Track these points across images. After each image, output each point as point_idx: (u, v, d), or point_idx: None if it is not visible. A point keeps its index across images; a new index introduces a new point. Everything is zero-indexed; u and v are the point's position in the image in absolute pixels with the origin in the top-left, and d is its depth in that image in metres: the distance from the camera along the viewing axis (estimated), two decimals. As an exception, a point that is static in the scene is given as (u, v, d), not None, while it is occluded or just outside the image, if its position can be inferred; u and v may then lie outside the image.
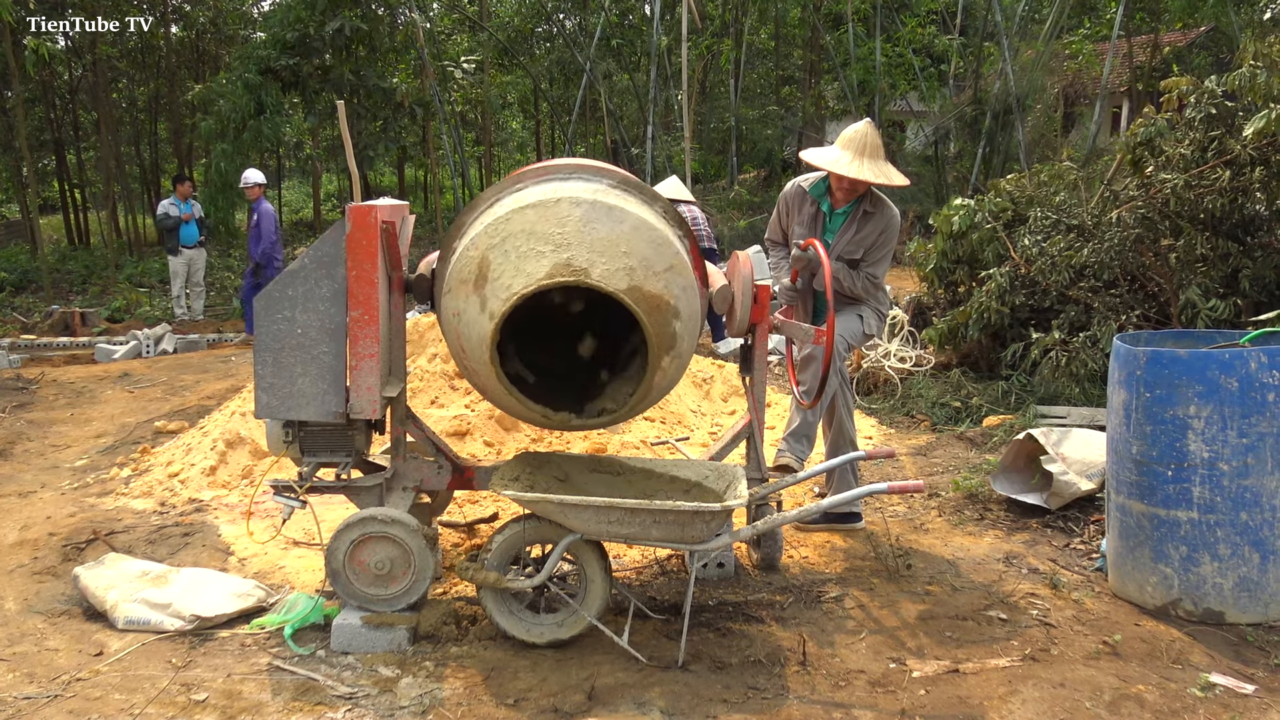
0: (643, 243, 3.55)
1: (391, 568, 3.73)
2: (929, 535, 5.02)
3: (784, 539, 4.67)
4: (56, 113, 21.78)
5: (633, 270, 3.49)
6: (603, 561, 3.69)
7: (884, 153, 4.74)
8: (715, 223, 18.05)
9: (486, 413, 6.24)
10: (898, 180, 4.65)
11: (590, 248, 3.46)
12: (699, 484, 3.93)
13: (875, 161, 4.66)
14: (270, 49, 14.83)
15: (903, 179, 4.68)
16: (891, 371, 8.18)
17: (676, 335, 3.65)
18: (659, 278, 3.55)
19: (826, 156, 4.69)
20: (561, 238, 3.48)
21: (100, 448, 6.84)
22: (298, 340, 3.72)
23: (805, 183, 4.88)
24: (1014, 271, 7.57)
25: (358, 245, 3.68)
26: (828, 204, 4.82)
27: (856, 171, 4.58)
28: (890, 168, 4.71)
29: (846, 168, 4.60)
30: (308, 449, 3.92)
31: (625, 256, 3.49)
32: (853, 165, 4.61)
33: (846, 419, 5.02)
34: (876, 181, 4.62)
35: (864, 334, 4.97)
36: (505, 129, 30.47)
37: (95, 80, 19.63)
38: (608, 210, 3.55)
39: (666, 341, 3.61)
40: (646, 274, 3.52)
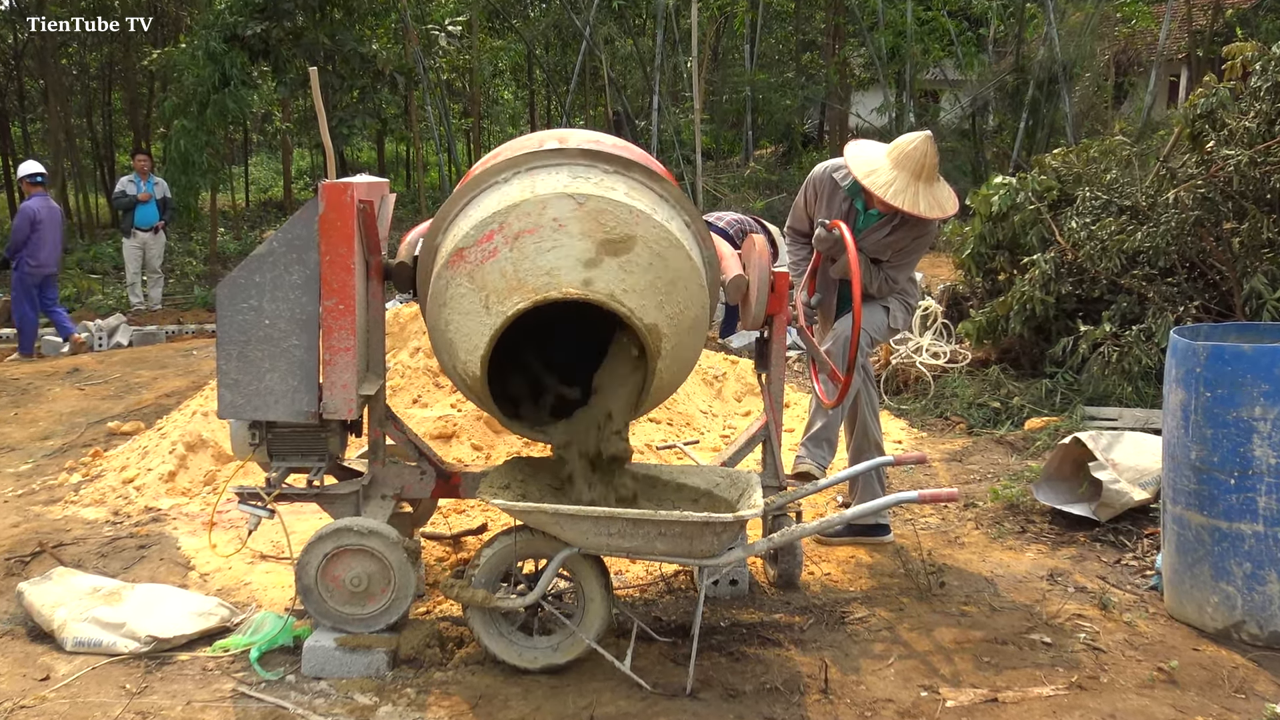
0: (681, 291, 3.60)
1: (369, 584, 3.73)
2: (964, 550, 5.01)
3: (804, 553, 4.66)
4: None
5: (661, 305, 3.54)
6: (602, 578, 3.68)
7: (938, 170, 4.66)
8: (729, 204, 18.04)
9: (474, 414, 6.24)
10: (950, 208, 4.62)
11: (625, 269, 3.49)
12: (709, 492, 3.93)
13: (930, 187, 4.59)
14: (237, 15, 14.82)
15: (955, 204, 4.66)
16: (923, 369, 8.17)
17: (687, 361, 3.74)
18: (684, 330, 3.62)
19: (876, 176, 4.58)
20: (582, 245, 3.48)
21: (47, 451, 6.85)
22: (265, 332, 3.72)
23: (838, 173, 4.84)
24: (1060, 257, 7.55)
25: (332, 227, 3.68)
26: (862, 202, 4.80)
27: (909, 203, 4.52)
28: (944, 190, 4.65)
29: (898, 196, 4.53)
30: (276, 452, 3.91)
31: (655, 290, 3.53)
32: (905, 194, 4.53)
33: (871, 421, 5.01)
34: (930, 216, 4.57)
35: (890, 327, 4.96)
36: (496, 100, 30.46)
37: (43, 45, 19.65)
38: (668, 245, 3.56)
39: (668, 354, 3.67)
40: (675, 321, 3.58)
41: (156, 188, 13.46)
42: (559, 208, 3.51)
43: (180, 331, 12.33)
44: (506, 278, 3.48)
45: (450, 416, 6.25)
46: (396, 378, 6.68)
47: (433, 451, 4.30)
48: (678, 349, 3.66)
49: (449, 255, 3.61)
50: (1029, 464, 6.24)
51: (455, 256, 3.58)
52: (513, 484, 3.72)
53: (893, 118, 20.89)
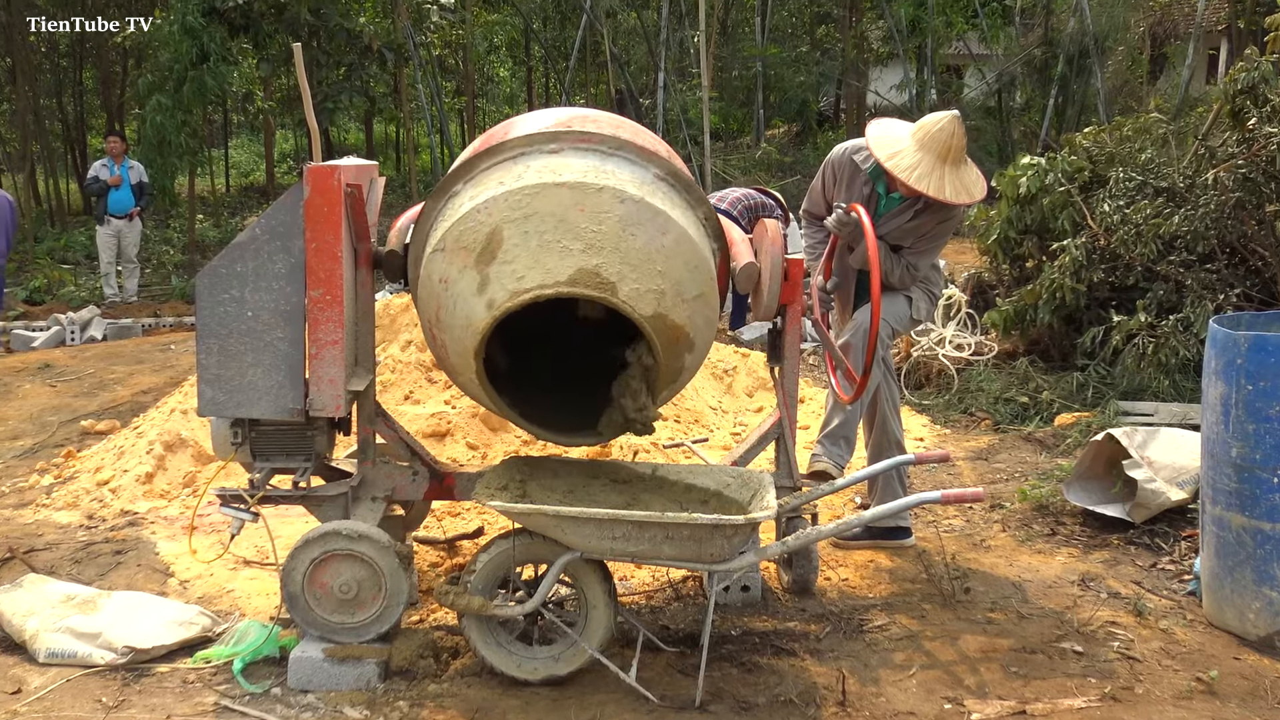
0: (680, 263, 3.59)
1: (359, 591, 3.74)
2: (991, 553, 5.01)
3: (820, 558, 4.67)
4: (-38, 59, 21.85)
5: (662, 295, 3.53)
6: (606, 584, 3.69)
7: (966, 151, 4.65)
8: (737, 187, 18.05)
9: (469, 410, 6.25)
10: (978, 193, 4.60)
11: (625, 258, 3.48)
12: (719, 493, 3.93)
13: (957, 170, 4.57)
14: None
15: (983, 189, 4.64)
16: (946, 361, 8.16)
17: (684, 369, 3.75)
18: (686, 305, 3.61)
19: (900, 159, 4.56)
20: (596, 237, 3.48)
21: (17, 451, 6.87)
22: (248, 325, 3.72)
23: (858, 155, 4.83)
24: (1092, 243, 7.54)
25: (318, 213, 3.68)
26: (884, 185, 4.79)
27: (934, 187, 4.51)
28: (971, 174, 4.63)
29: (922, 181, 4.52)
30: (260, 452, 3.92)
31: (659, 277, 3.53)
32: (931, 178, 4.52)
33: (892, 417, 5.01)
34: (956, 202, 4.56)
35: (912, 318, 4.96)
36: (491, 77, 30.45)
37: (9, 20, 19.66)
38: (653, 216, 3.55)
39: (671, 375, 3.70)
40: (675, 300, 3.57)
41: (131, 172, 13.44)
42: (556, 195, 3.51)
43: (157, 324, 12.34)
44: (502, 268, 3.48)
45: (444, 413, 6.25)
46: (387, 372, 6.68)
47: (426, 451, 4.31)
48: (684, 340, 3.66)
49: (441, 243, 3.61)
50: (1059, 462, 6.23)
51: (448, 244, 3.58)
52: (510, 484, 3.73)
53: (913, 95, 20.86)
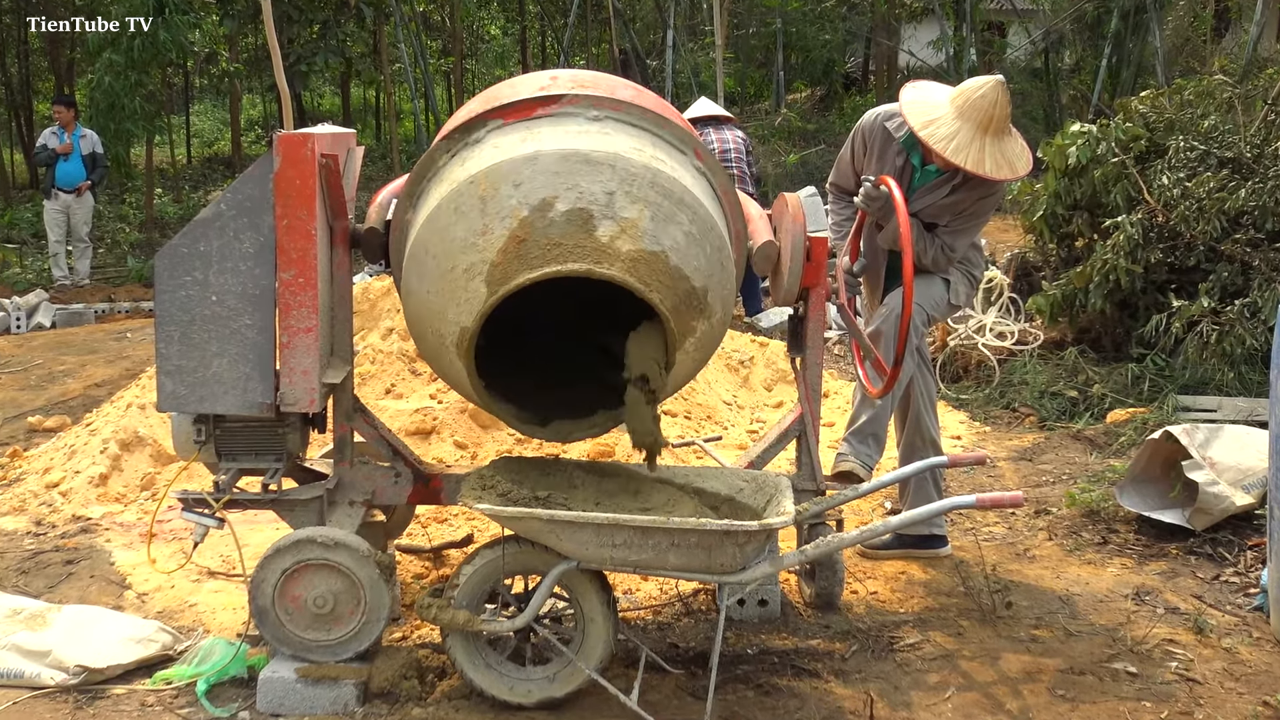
0: (697, 242, 3.60)
1: (335, 606, 3.75)
2: (1035, 564, 5.02)
3: (845, 569, 4.67)
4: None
5: (676, 276, 3.53)
6: (605, 596, 3.70)
7: (1009, 120, 4.62)
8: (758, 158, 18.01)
9: (457, 406, 6.26)
10: (1022, 168, 4.59)
11: (635, 237, 3.48)
12: (732, 498, 3.94)
13: (1000, 141, 4.55)
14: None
15: (1028, 162, 4.63)
16: (987, 351, 8.16)
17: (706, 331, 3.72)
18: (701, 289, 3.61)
19: (936, 128, 4.54)
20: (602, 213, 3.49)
21: (-42, 450, 6.89)
22: (212, 310, 3.73)
23: (891, 123, 4.82)
24: (1149, 219, 7.52)
25: (290, 186, 3.69)
26: (919, 156, 4.78)
27: (973, 161, 4.48)
28: (1015, 146, 4.62)
29: (960, 153, 4.49)
30: (226, 451, 3.93)
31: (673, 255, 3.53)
32: (970, 150, 4.50)
33: (926, 413, 5.01)
34: (997, 177, 4.54)
35: (949, 303, 4.95)
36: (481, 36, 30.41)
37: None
38: (667, 189, 3.57)
39: (684, 332, 3.66)
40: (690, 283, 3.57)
41: (83, 141, 13.41)
42: (557, 166, 3.52)
43: (112, 310, 12.37)
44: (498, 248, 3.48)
45: (429, 409, 6.26)
46: (366, 364, 6.69)
47: (409, 450, 4.32)
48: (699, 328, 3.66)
49: (427, 221, 3.62)
50: (1111, 463, 6.23)
51: (434, 222, 3.59)
52: (500, 486, 3.73)
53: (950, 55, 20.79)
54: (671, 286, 3.50)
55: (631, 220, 3.48)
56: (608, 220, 3.46)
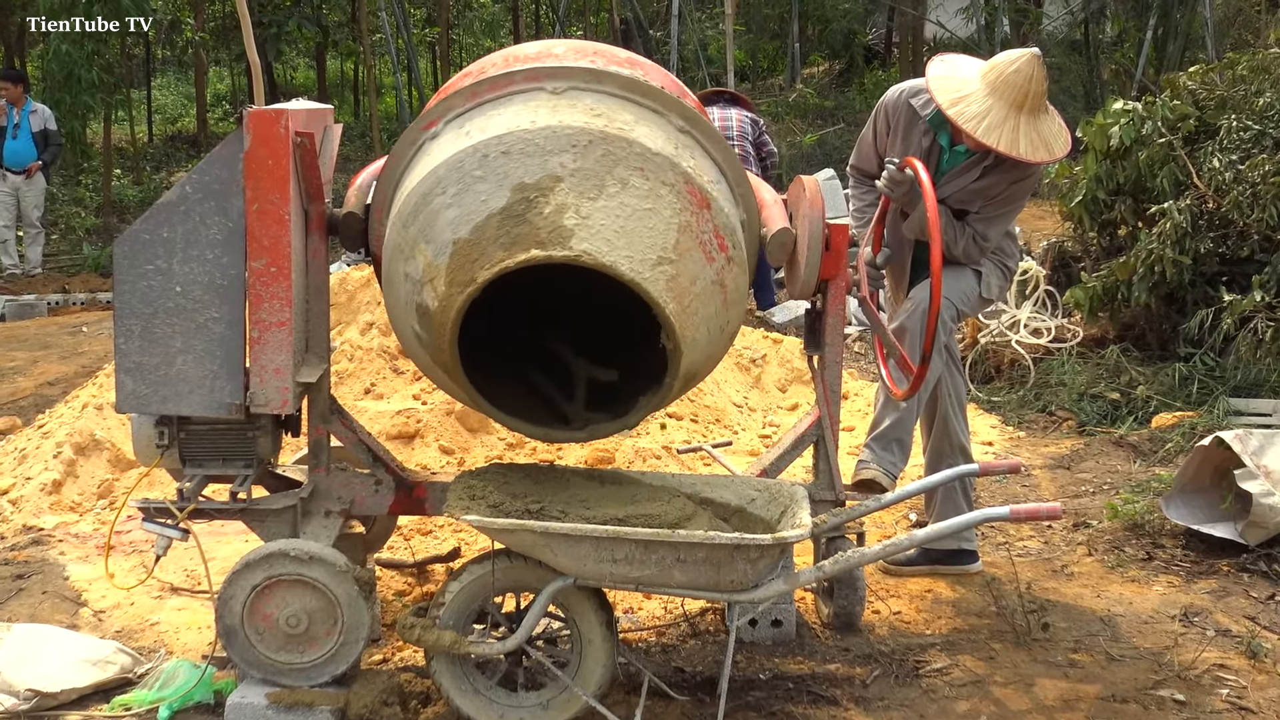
0: None
1: (310, 625, 3.75)
2: (1074, 582, 5.01)
3: (867, 586, 4.67)
4: None
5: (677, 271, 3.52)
6: (604, 615, 3.70)
7: (1046, 97, 4.62)
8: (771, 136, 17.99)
9: (443, 407, 6.26)
10: (1059, 149, 4.59)
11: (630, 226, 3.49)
12: (743, 509, 3.93)
13: (1035, 120, 4.55)
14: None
15: (1066, 143, 4.62)
16: (1021, 349, 8.16)
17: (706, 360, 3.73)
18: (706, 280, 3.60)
19: (966, 106, 4.53)
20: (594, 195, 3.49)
21: (-101, 455, 6.89)
22: (176, 302, 3.73)
23: (917, 99, 4.82)
24: (1198, 206, 7.51)
25: (261, 167, 3.68)
26: (947, 136, 4.78)
27: (1006, 141, 4.48)
28: (1052, 125, 4.61)
29: (992, 133, 4.49)
30: (191, 456, 3.93)
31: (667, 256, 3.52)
32: (1002, 130, 4.49)
33: (955, 417, 5.01)
34: (1032, 159, 4.54)
35: (981, 297, 4.95)
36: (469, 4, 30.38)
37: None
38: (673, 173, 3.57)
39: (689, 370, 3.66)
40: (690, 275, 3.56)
41: (34, 117, 13.35)
42: (460, 171, 3.52)
43: (66, 302, 12.36)
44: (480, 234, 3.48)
45: (413, 410, 6.26)
46: (344, 361, 6.70)
47: (391, 456, 4.31)
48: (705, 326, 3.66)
49: (409, 206, 3.62)
50: (1157, 472, 6.23)
51: (416, 207, 3.59)
52: (490, 495, 3.73)
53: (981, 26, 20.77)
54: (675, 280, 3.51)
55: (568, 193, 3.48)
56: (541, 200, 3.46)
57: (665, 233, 3.50)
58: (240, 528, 4.47)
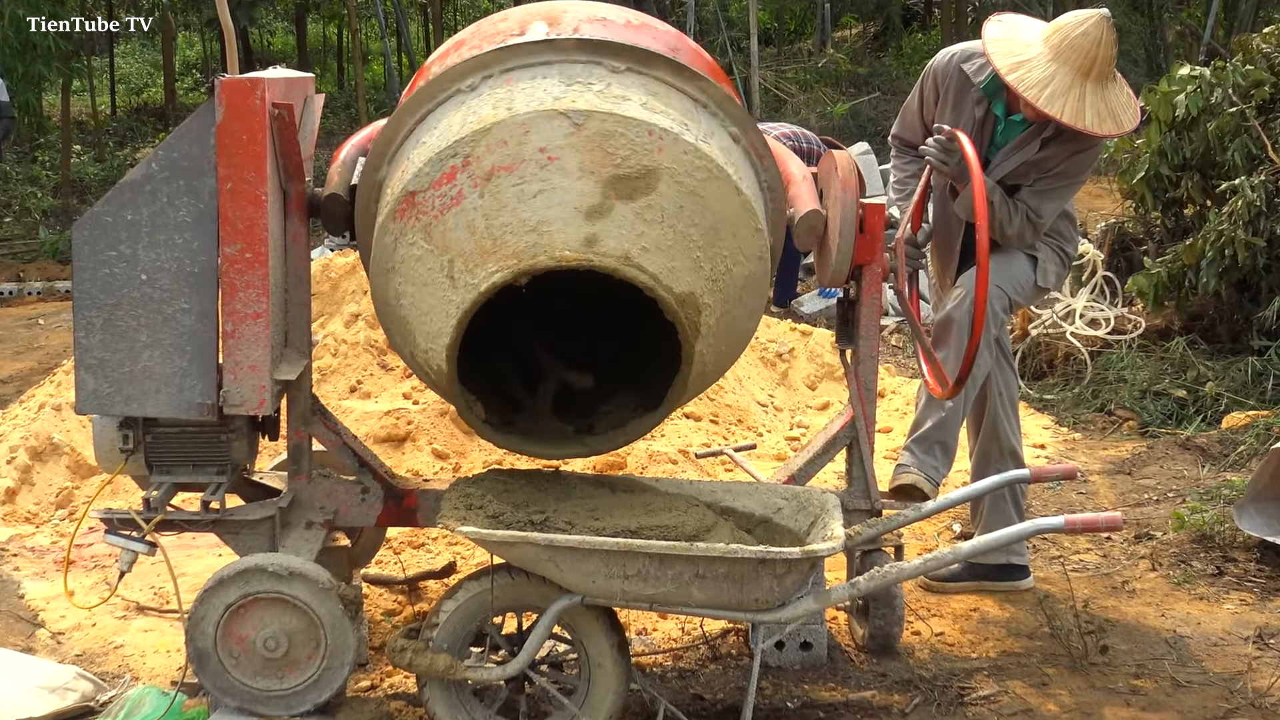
0: (727, 240, 3.62)
1: (290, 648, 3.75)
2: (1136, 600, 5.00)
3: (905, 605, 4.67)
4: None
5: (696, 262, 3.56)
6: (615, 638, 3.70)
7: (1114, 64, 4.60)
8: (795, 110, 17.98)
9: (436, 408, 6.27)
10: (1128, 122, 4.58)
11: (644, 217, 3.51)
12: (768, 519, 3.93)
13: (1103, 89, 4.53)
14: None
15: (1136, 115, 4.60)
16: (1077, 342, 8.13)
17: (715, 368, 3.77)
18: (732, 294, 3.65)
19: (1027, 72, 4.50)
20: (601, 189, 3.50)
21: None
22: (141, 292, 3.73)
23: (969, 64, 4.80)
24: (1274, 182, 7.48)
25: (235, 142, 3.68)
26: (1002, 106, 4.76)
27: (1071, 112, 4.46)
28: (1121, 95, 4.59)
29: (1055, 101, 4.46)
30: (158, 462, 3.93)
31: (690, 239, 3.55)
32: (1067, 99, 4.46)
33: (1005, 417, 4.99)
34: (1099, 132, 4.53)
35: (1036, 285, 4.92)
36: (465, -40, 30.40)
37: None
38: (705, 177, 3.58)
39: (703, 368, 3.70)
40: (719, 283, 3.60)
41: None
42: (547, 132, 3.52)
43: (21, 292, 12.38)
44: (477, 236, 3.49)
45: (403, 411, 6.27)
46: (327, 356, 6.70)
47: (379, 461, 4.32)
48: (725, 320, 3.66)
49: (397, 200, 3.63)
50: (1228, 478, 6.21)
51: (405, 202, 3.60)
52: (489, 505, 3.73)
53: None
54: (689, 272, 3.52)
55: (646, 199, 3.51)
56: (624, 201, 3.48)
57: None
58: (213, 541, 4.47)
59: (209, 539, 4.47)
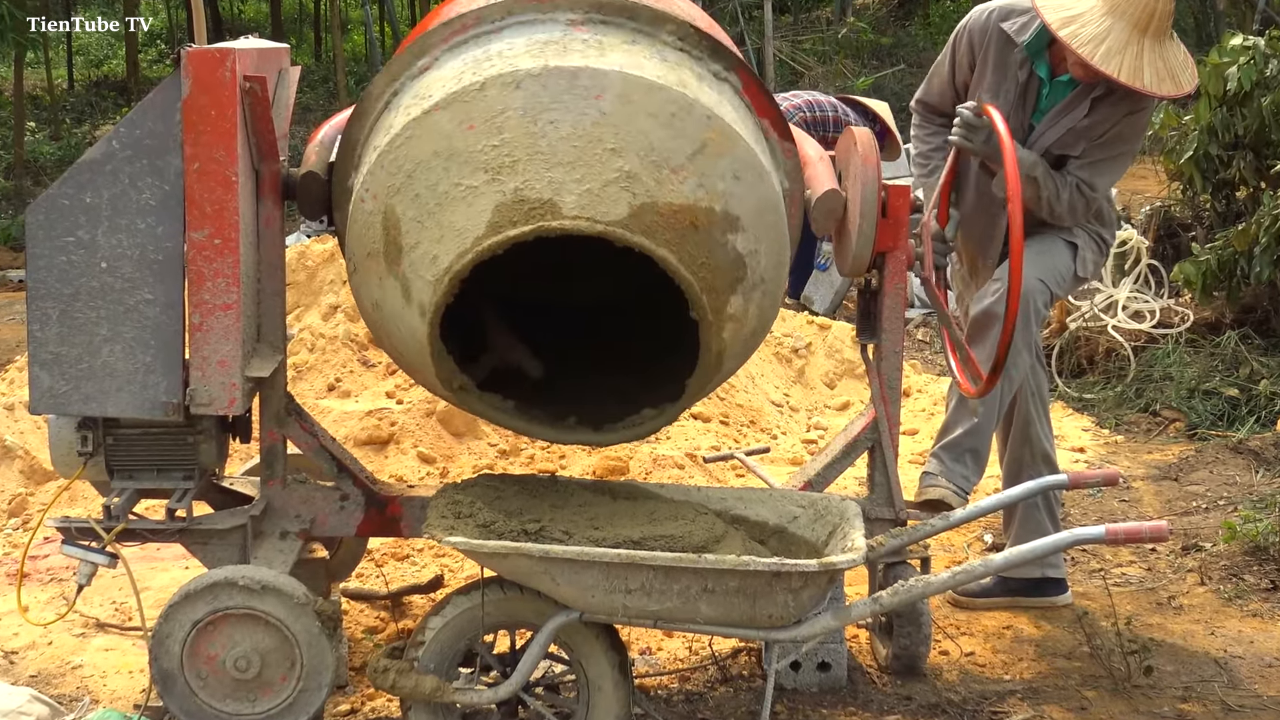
0: (643, 119, 3.56)
1: (262, 668, 3.75)
2: (1183, 617, 5.00)
3: (932, 622, 4.67)
4: None
5: (633, 178, 3.50)
6: (616, 657, 3.70)
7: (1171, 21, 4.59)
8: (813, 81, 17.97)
9: (422, 406, 6.27)
10: (1187, 82, 4.57)
11: (551, 159, 3.49)
12: (783, 529, 3.93)
13: (1160, 47, 4.52)
14: None
15: (1194, 76, 4.61)
16: (1119, 336, 8.12)
17: (738, 259, 3.66)
18: (683, 174, 3.56)
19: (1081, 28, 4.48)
20: (500, 153, 3.49)
21: None
22: (101, 281, 3.73)
23: (1010, 23, 4.78)
24: (1333, 163, 7.49)
25: (203, 118, 3.68)
26: (1046, 67, 4.74)
27: (1128, 70, 4.44)
28: (1178, 53, 4.58)
29: (1111, 59, 4.44)
30: (120, 466, 3.94)
31: (614, 156, 3.51)
32: (1124, 56, 4.44)
33: (1038, 419, 4.98)
34: (1159, 92, 4.53)
35: (1075, 275, 4.90)
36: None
37: None
38: (569, 80, 3.55)
39: (721, 276, 3.62)
40: (659, 176, 3.53)
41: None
42: (544, 96, 3.52)
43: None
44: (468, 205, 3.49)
45: (386, 411, 6.27)
46: (303, 351, 6.70)
47: (360, 465, 4.32)
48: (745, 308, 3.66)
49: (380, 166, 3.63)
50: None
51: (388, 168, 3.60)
52: (479, 513, 3.73)
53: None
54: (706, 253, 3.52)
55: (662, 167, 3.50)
56: (633, 165, 3.47)
57: None
58: (179, 552, 4.48)
59: (175, 550, 4.48)
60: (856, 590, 4.65)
